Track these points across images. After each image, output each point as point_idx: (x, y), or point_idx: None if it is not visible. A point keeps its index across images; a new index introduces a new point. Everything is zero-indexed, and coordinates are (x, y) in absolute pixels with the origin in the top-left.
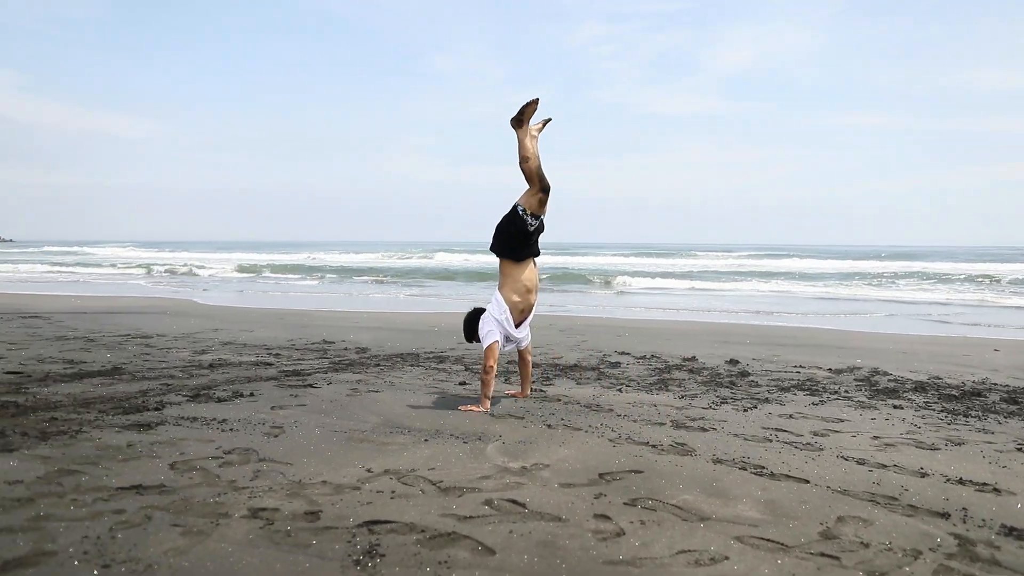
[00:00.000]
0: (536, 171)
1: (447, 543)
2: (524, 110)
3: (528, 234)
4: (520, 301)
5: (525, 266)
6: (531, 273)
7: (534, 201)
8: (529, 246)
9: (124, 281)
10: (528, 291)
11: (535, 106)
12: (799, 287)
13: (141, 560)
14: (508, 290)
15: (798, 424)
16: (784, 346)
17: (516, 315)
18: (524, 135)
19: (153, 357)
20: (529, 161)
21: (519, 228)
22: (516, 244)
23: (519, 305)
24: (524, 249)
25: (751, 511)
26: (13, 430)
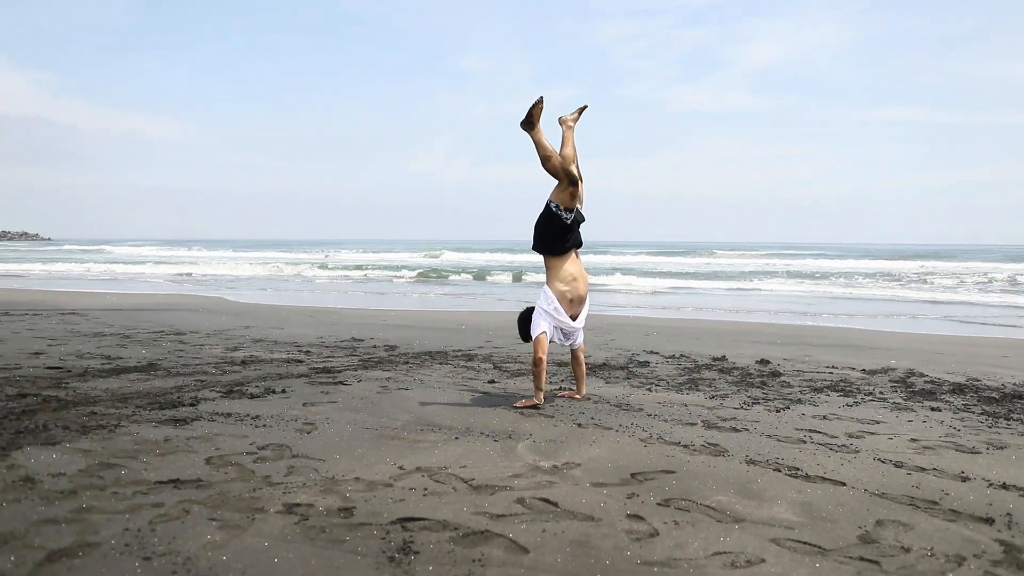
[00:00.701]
0: (560, 167)
1: (480, 541)
2: (532, 111)
3: (565, 228)
4: (568, 290)
5: (567, 258)
6: (575, 265)
7: (565, 196)
8: (567, 240)
9: (157, 279)
10: (575, 279)
11: (541, 106)
12: (829, 286)
13: (180, 553)
14: (554, 280)
15: (832, 425)
16: (815, 346)
17: (566, 305)
18: (540, 136)
19: (187, 354)
20: (551, 159)
21: (556, 225)
22: (555, 240)
23: (567, 294)
24: (562, 243)
25: (787, 513)
26: (55, 424)
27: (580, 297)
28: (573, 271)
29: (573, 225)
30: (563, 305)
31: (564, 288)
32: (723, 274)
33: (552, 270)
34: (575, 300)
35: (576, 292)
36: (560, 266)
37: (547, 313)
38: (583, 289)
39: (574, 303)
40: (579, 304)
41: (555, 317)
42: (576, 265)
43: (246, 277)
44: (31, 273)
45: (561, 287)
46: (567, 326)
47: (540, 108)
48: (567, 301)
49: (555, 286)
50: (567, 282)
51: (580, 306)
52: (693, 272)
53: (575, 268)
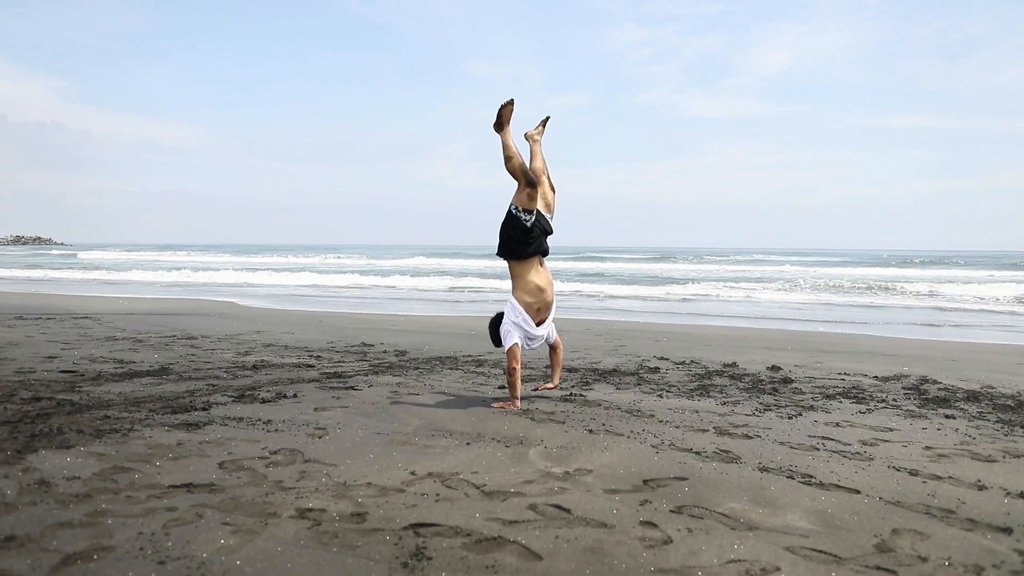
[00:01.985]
0: (519, 168)
1: (493, 547)
2: (501, 112)
3: (527, 231)
4: (534, 301)
5: (531, 265)
6: (540, 274)
7: (523, 197)
8: (529, 244)
9: (170, 284)
10: (540, 289)
11: (511, 107)
12: (836, 292)
13: (195, 557)
14: (520, 292)
15: (846, 433)
16: (826, 352)
17: (533, 315)
18: (507, 136)
19: (198, 358)
20: (512, 160)
21: (517, 227)
22: (517, 244)
23: (534, 305)
24: (526, 248)
25: (801, 521)
26: (70, 427)
27: (547, 305)
28: (539, 281)
29: (534, 228)
30: (530, 314)
31: (531, 300)
32: (732, 279)
33: (518, 279)
34: (542, 308)
35: (542, 301)
36: (525, 275)
37: (516, 325)
38: (549, 297)
39: (541, 311)
40: (546, 311)
41: (523, 328)
42: (541, 274)
43: (255, 284)
44: (45, 278)
45: (528, 299)
46: (532, 334)
47: (510, 110)
48: (534, 311)
49: (522, 298)
50: (533, 294)
51: (547, 313)
52: (704, 277)
53: (540, 278)
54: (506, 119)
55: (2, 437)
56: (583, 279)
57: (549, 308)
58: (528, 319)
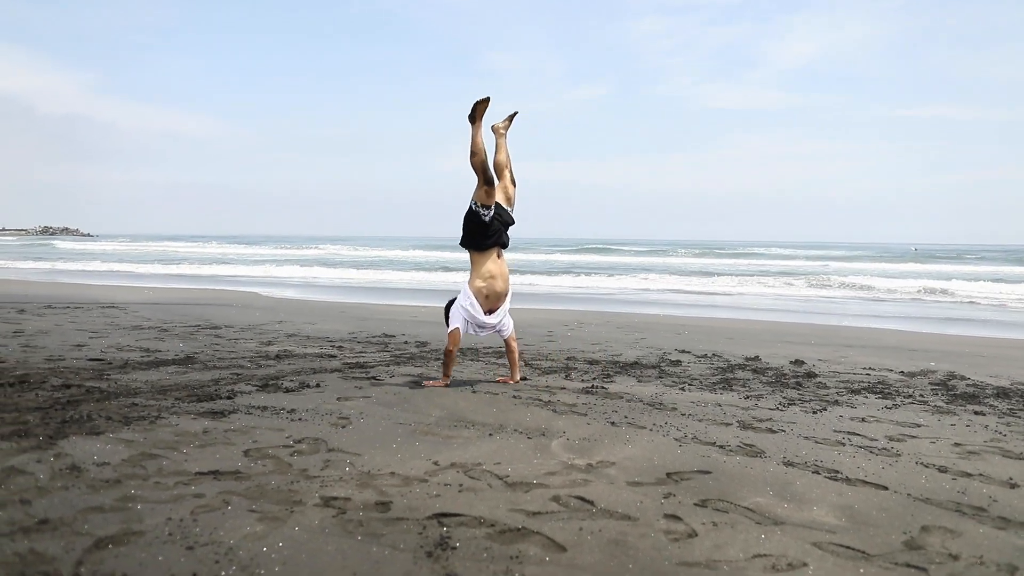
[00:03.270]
0: (480, 166)
1: (517, 538)
2: (475, 108)
3: (484, 225)
4: (484, 287)
5: (488, 256)
6: (496, 263)
7: (481, 194)
8: (489, 236)
9: (197, 274)
10: (492, 277)
11: (486, 104)
12: (861, 288)
13: (223, 543)
14: (474, 278)
15: (872, 428)
16: (851, 347)
17: (482, 301)
18: (477, 132)
19: (222, 347)
20: (476, 156)
21: (476, 221)
22: (477, 236)
23: (483, 291)
24: (485, 240)
25: (828, 517)
26: (99, 414)
27: (497, 294)
28: (493, 270)
29: (492, 223)
30: (479, 301)
31: (481, 284)
32: (752, 273)
33: (474, 266)
34: (491, 296)
35: (492, 289)
36: (482, 264)
37: (464, 309)
38: (500, 287)
39: (490, 299)
40: (496, 300)
41: (470, 313)
42: (497, 264)
43: (280, 276)
44: (69, 270)
45: (479, 283)
46: (481, 321)
47: (484, 106)
48: (483, 297)
49: (474, 283)
50: (485, 279)
51: (498, 302)
52: (722, 271)
53: (495, 267)
54: (479, 114)
55: (34, 423)
56: (627, 272)
57: (500, 298)
58: (476, 305)
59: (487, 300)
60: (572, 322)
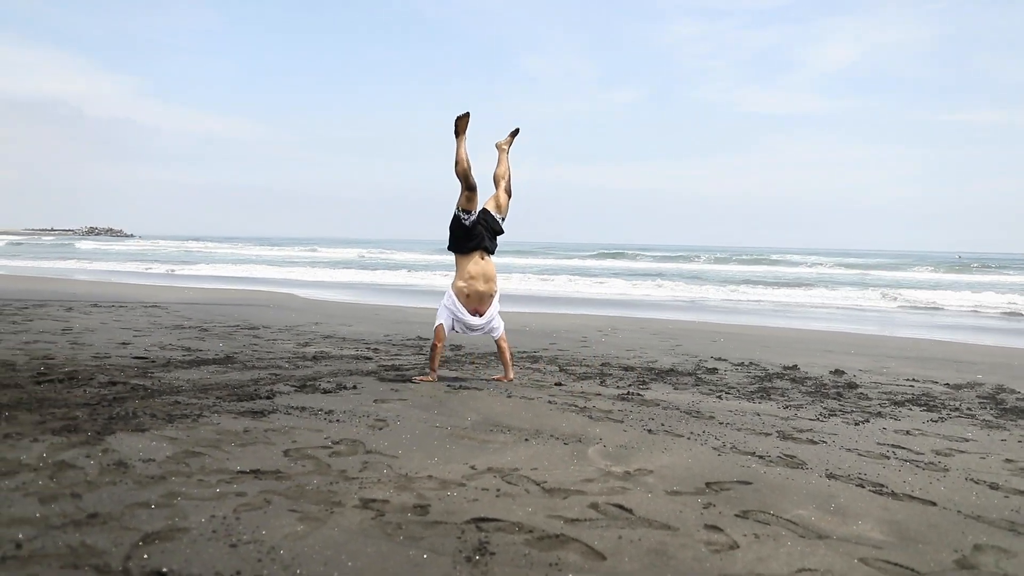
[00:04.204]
0: (462, 173)
1: (556, 545)
2: (457, 123)
3: (467, 229)
4: (465, 287)
5: (470, 259)
6: (478, 265)
7: (463, 199)
8: (470, 240)
9: (235, 275)
10: (472, 278)
11: (467, 118)
12: (903, 295)
13: (264, 542)
14: (456, 279)
15: (917, 441)
16: (893, 358)
17: (464, 301)
18: (460, 144)
19: (261, 348)
20: (459, 165)
21: (459, 225)
22: (458, 239)
23: (464, 291)
24: (467, 243)
25: (874, 532)
26: (143, 411)
27: (478, 294)
28: (474, 271)
29: (475, 227)
30: (461, 300)
31: (462, 285)
32: (790, 280)
33: (458, 268)
34: (472, 296)
35: (473, 289)
36: (464, 266)
37: (447, 308)
38: (481, 287)
39: (472, 299)
40: (477, 300)
41: (454, 312)
42: (479, 266)
43: (313, 279)
44: (123, 271)
45: (460, 284)
46: (468, 322)
47: (465, 121)
48: (464, 296)
49: (456, 284)
50: (465, 280)
51: (480, 303)
52: (758, 279)
53: (476, 269)
54: (462, 129)
55: (83, 418)
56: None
57: (481, 299)
58: (459, 304)
59: (468, 300)
60: (606, 327)
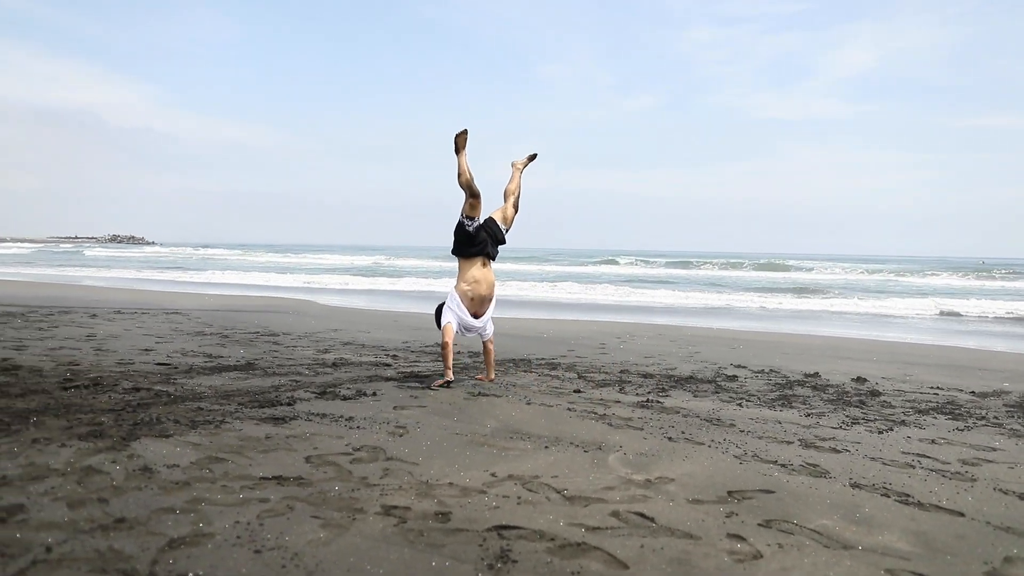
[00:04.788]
0: (465, 184)
1: (578, 553)
2: (457, 140)
3: (470, 235)
4: (469, 290)
5: (472, 264)
6: (479, 270)
7: (466, 207)
8: (474, 245)
9: (255, 282)
10: (476, 282)
11: (465, 135)
12: (926, 302)
13: (288, 548)
14: (459, 282)
15: (943, 451)
16: (916, 365)
17: (467, 303)
18: (461, 158)
19: (281, 354)
20: (461, 176)
21: (462, 231)
22: (462, 244)
23: (468, 294)
24: (470, 248)
25: (900, 543)
26: (167, 417)
27: (481, 297)
28: (477, 276)
29: (478, 233)
30: (464, 303)
31: (466, 288)
32: (809, 288)
33: (461, 272)
34: (475, 299)
35: (477, 293)
36: (467, 270)
37: (451, 308)
38: (483, 291)
39: (475, 302)
40: (480, 303)
41: (457, 313)
42: (482, 272)
43: (332, 286)
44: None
45: (464, 287)
46: (467, 323)
47: (464, 138)
48: (468, 299)
49: (459, 287)
50: (469, 283)
51: (481, 305)
52: (776, 285)
53: (479, 274)
54: (461, 145)
55: (108, 424)
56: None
57: (484, 302)
58: (462, 306)
59: (472, 303)
60: (623, 334)
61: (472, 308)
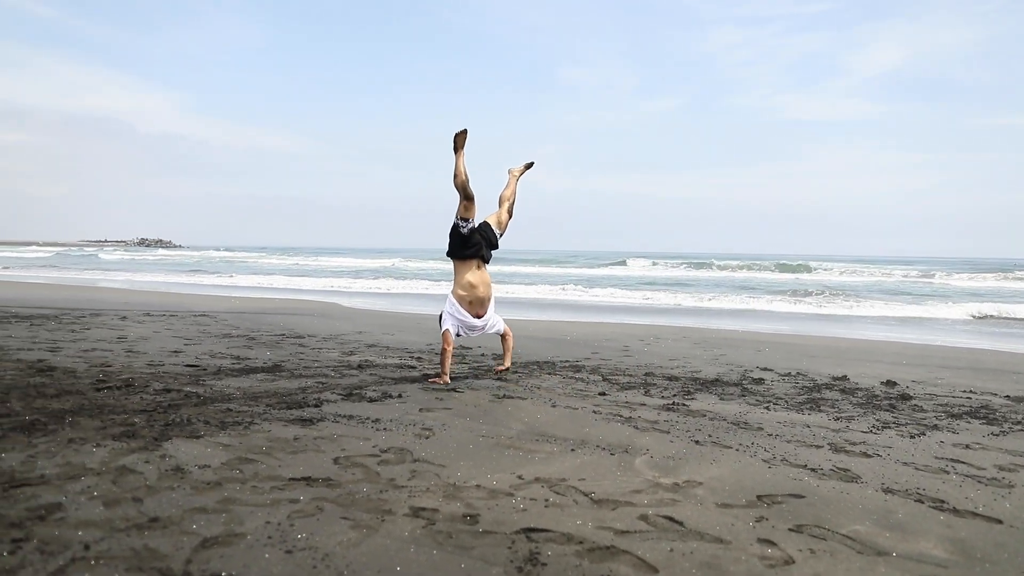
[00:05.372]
0: (460, 185)
1: (607, 557)
2: (456, 139)
3: (464, 237)
4: (466, 295)
5: (467, 267)
6: (474, 274)
7: (461, 208)
8: (468, 248)
9: (281, 285)
10: (473, 287)
11: (464, 135)
12: (958, 305)
13: (318, 549)
14: (456, 287)
15: (978, 456)
16: (947, 368)
17: (466, 307)
18: (459, 159)
19: (307, 356)
20: (457, 178)
21: (456, 233)
22: (456, 246)
23: (466, 298)
24: (465, 250)
25: (936, 549)
26: (197, 418)
27: (479, 299)
28: (473, 279)
29: (472, 236)
30: (463, 307)
31: (463, 293)
32: (836, 287)
33: (456, 276)
34: (474, 302)
35: (474, 296)
36: (462, 274)
37: (450, 315)
38: (481, 293)
39: (473, 304)
40: (479, 305)
41: (457, 317)
42: (477, 275)
43: (356, 289)
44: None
45: (460, 292)
46: (470, 324)
47: (463, 137)
48: (467, 304)
49: (456, 292)
50: (465, 288)
51: (480, 307)
52: (802, 286)
53: (474, 277)
54: (460, 144)
55: (140, 425)
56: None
57: (482, 303)
58: (460, 310)
59: (471, 306)
60: (647, 336)
61: (472, 310)
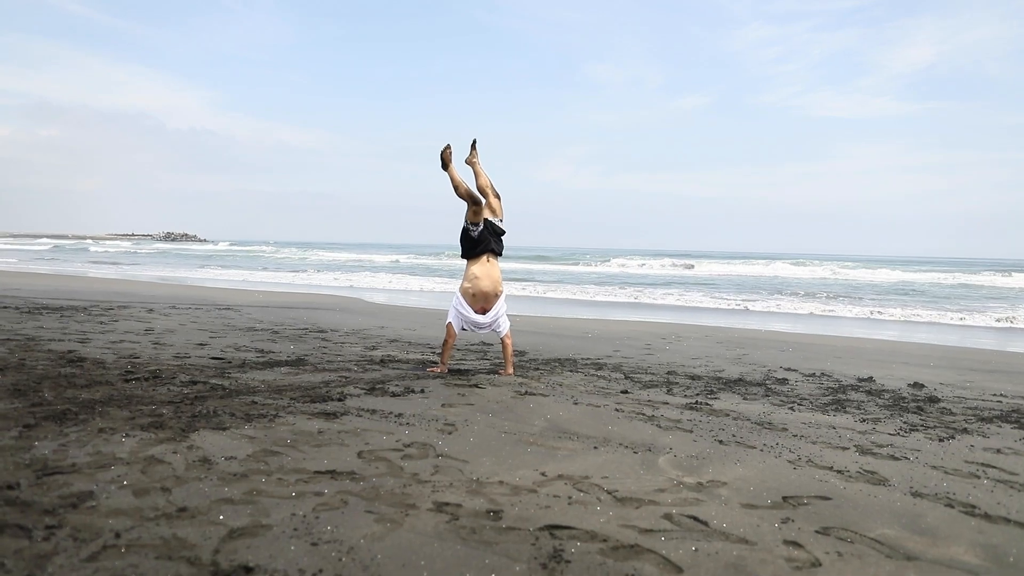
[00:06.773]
0: (464, 194)
1: (631, 555)
2: (442, 156)
3: (474, 240)
4: (470, 287)
5: (478, 261)
6: (484, 267)
7: (470, 214)
8: (477, 246)
9: (303, 280)
10: (477, 278)
11: (449, 150)
12: (988, 305)
13: (343, 542)
14: (463, 281)
15: (1010, 461)
16: (977, 371)
17: (470, 300)
18: (452, 172)
19: (330, 350)
20: (459, 189)
21: (468, 237)
22: (469, 248)
23: (470, 291)
24: (475, 250)
25: (968, 555)
26: (223, 410)
27: (483, 292)
28: (479, 272)
29: (481, 237)
30: (467, 300)
31: (467, 285)
32: (863, 287)
33: (466, 271)
34: (477, 295)
35: (478, 288)
36: (470, 268)
37: (455, 308)
38: (485, 286)
39: (477, 297)
40: (484, 299)
41: (461, 312)
42: (484, 268)
43: (377, 286)
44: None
45: (465, 284)
46: (473, 320)
47: (448, 153)
48: (471, 296)
49: (462, 285)
50: (471, 281)
51: (485, 301)
52: (828, 287)
53: (481, 270)
54: (447, 159)
55: (168, 416)
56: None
57: (487, 297)
58: (465, 304)
59: (474, 299)
60: (669, 335)
61: (476, 304)
